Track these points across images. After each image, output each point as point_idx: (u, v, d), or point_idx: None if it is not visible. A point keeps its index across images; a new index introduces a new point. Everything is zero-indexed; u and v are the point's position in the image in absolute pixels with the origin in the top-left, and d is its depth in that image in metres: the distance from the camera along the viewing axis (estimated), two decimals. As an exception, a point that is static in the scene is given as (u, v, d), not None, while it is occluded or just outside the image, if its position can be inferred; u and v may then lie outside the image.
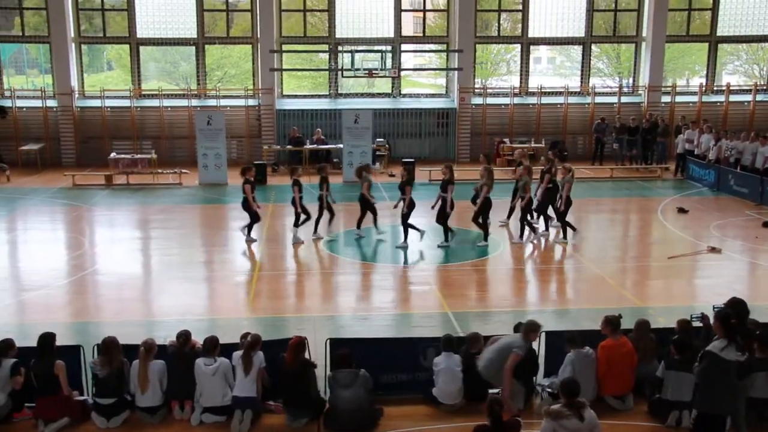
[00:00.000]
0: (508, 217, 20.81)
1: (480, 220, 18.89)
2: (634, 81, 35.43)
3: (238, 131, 33.33)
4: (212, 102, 33.39)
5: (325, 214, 19.86)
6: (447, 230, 18.56)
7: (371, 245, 19.28)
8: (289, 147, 30.92)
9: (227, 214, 23.28)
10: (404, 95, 35.03)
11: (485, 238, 18.92)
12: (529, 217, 19.38)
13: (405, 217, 18.55)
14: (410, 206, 18.59)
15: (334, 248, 19.09)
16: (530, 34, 34.54)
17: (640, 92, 35.13)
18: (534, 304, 15.44)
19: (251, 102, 33.70)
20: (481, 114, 34.19)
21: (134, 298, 15.87)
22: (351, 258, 18.31)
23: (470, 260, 17.97)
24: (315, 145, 30.85)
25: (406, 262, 17.81)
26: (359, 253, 18.70)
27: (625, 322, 11.24)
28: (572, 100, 34.99)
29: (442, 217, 18.60)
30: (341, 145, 29.34)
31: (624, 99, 34.94)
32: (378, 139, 31.41)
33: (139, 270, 18.21)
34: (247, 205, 19.41)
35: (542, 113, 34.40)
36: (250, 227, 19.54)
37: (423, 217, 20.03)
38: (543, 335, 11.22)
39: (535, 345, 11.08)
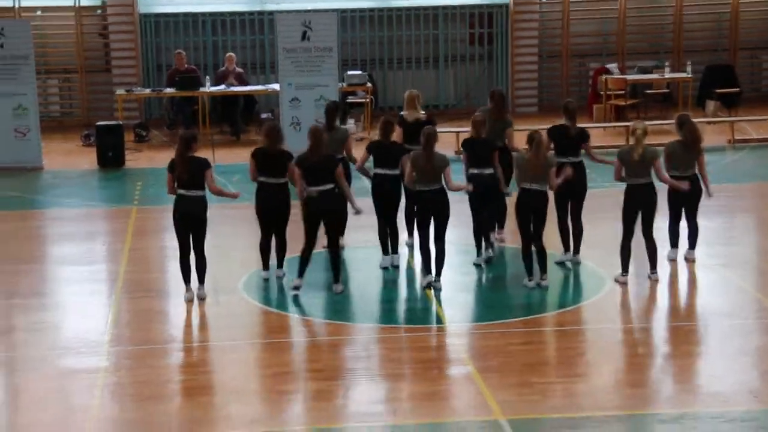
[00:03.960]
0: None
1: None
2: None
3: (62, 59, 26.41)
4: (5, -1, 26.25)
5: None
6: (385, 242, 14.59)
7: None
8: (169, 91, 23.53)
9: (46, 231, 18.61)
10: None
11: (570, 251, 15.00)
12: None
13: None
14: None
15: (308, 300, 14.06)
16: None
17: None
18: (670, 401, 10.88)
19: (87, -1, 26.47)
20: (561, 15, 27.13)
21: None
22: (316, 314, 13.52)
23: (550, 310, 13.60)
24: (223, 87, 23.36)
25: (411, 318, 14.02)
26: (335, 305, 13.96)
27: None
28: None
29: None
30: (276, 86, 22.58)
31: None
32: (351, 73, 24.52)
33: None
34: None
35: (686, 10, 27.52)
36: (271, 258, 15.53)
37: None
38: None
39: None
